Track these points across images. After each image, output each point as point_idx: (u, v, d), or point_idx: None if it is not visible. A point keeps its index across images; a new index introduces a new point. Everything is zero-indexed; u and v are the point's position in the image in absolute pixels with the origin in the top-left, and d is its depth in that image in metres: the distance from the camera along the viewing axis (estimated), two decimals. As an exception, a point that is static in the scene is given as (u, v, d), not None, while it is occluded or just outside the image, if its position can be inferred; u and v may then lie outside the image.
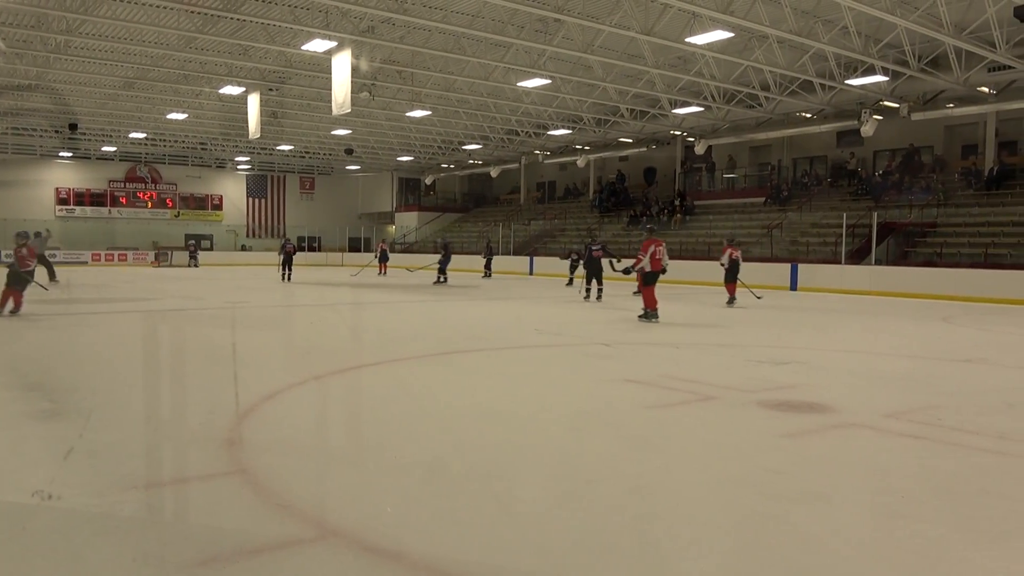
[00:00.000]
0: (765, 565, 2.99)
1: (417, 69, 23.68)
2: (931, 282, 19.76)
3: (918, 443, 4.84)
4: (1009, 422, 5.45)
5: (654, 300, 12.27)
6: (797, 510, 3.57)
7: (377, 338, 10.26)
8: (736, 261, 16.34)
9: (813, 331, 11.92)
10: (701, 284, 24.45)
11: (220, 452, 4.40)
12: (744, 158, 33.51)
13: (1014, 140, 25.54)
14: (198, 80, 25.63)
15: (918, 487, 3.98)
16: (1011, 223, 21.51)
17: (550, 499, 3.76)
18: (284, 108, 30.21)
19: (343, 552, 3.05)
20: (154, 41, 21.15)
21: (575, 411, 5.69)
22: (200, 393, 6.17)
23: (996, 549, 3.17)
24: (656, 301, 12.29)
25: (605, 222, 35.03)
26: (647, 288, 12.41)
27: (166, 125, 34.24)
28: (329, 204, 49.24)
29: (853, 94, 23.68)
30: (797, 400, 6.06)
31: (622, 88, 25.39)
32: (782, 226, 27.01)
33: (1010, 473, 4.25)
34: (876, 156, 29.17)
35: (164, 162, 44.04)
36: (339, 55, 19.41)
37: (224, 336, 10.27)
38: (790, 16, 17.49)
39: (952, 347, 10.06)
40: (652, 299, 12.26)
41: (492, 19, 19.24)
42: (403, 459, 4.38)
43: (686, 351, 9.13)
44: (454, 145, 38.77)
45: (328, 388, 6.61)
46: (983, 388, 6.91)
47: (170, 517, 3.52)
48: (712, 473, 4.19)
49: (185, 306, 14.72)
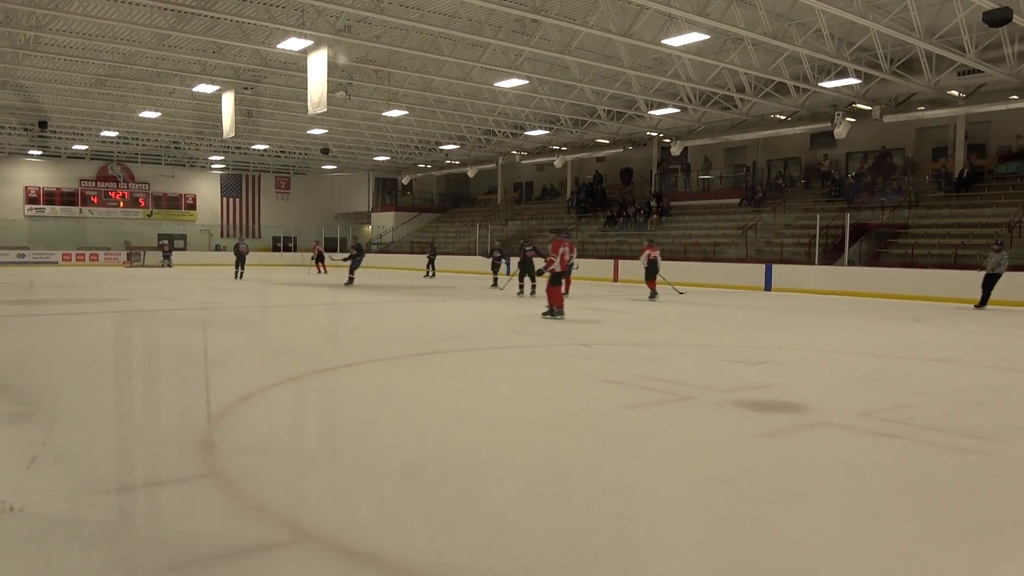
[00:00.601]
0: (741, 565, 3.00)
1: (394, 69, 23.59)
2: (902, 282, 20.04)
3: (891, 442, 4.90)
4: (979, 420, 5.54)
5: (560, 298, 12.67)
6: (773, 509, 3.60)
7: (354, 339, 10.19)
8: (654, 260, 17.90)
9: (788, 331, 12.03)
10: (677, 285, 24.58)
11: (193, 455, 4.34)
12: (719, 159, 33.78)
13: (983, 143, 25.99)
14: (171, 78, 25.33)
15: (891, 485, 4.03)
16: (980, 224, 21.88)
17: (528, 500, 3.75)
18: (259, 107, 29.94)
19: (319, 555, 3.02)
20: (126, 38, 20.86)
21: (553, 411, 5.70)
22: (173, 395, 6.09)
23: (969, 546, 3.21)
24: (562, 299, 12.70)
25: (582, 222, 35.13)
26: (553, 287, 12.73)
27: (139, 123, 33.79)
28: (305, 204, 48.91)
29: (826, 96, 23.96)
30: (772, 400, 6.11)
31: (599, 89, 25.47)
32: (757, 227, 27.26)
33: (981, 470, 4.31)
34: (849, 158, 29.54)
35: (136, 161, 43.48)
36: (315, 54, 19.27)
37: (198, 337, 10.15)
38: (765, 19, 17.66)
39: (923, 347, 10.21)
40: (558, 297, 12.64)
41: (469, 19, 19.20)
42: (380, 461, 4.35)
43: (663, 351, 9.18)
44: (431, 145, 38.66)
45: (304, 389, 6.55)
46: (953, 387, 7.01)
47: (142, 521, 3.46)
48: (689, 473, 4.21)
49: (158, 307, 14.54)
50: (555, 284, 12.82)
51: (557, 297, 12.71)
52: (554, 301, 12.68)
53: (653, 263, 17.88)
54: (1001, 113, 23.65)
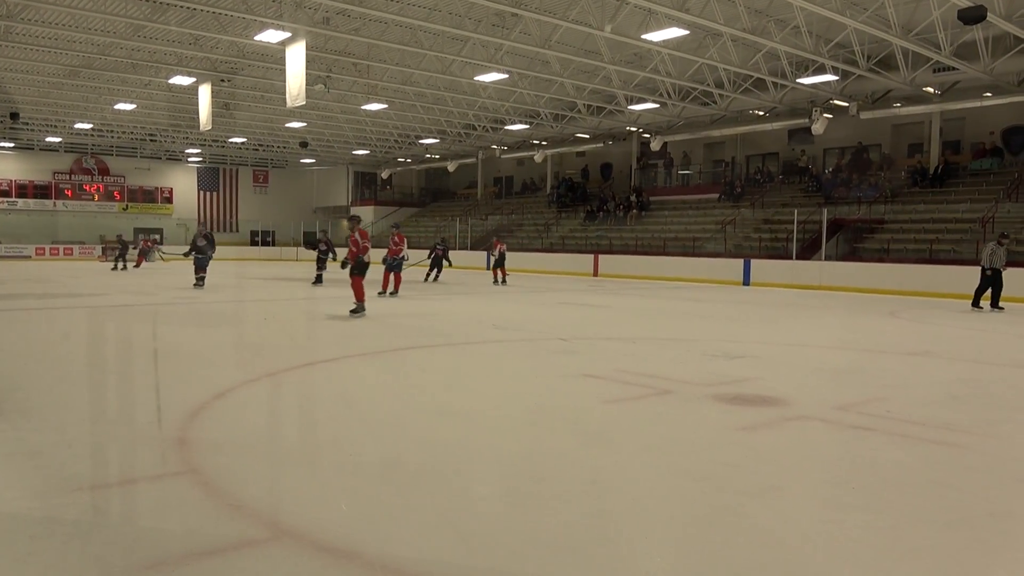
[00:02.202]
0: (720, 558, 3.02)
1: (373, 62, 23.44)
2: (879, 277, 20.27)
3: (867, 435, 4.94)
4: (953, 413, 5.61)
5: (363, 293, 12.00)
6: (751, 503, 3.62)
7: (332, 334, 10.13)
8: (503, 253, 21.37)
9: (765, 325, 12.12)
10: (657, 279, 24.72)
11: (169, 452, 4.29)
12: (699, 155, 33.95)
13: (957, 139, 26.35)
14: (147, 70, 24.99)
15: (868, 478, 4.06)
16: (954, 220, 22.18)
17: (507, 496, 3.75)
18: (236, 99, 29.62)
19: (297, 552, 2.99)
20: (100, 29, 20.54)
21: (532, 407, 5.69)
22: (148, 391, 6.01)
23: (945, 537, 3.25)
24: (364, 294, 12.04)
25: (562, 217, 35.17)
26: (359, 279, 12.00)
27: (114, 116, 33.33)
28: (283, 198, 48.53)
29: (804, 93, 24.14)
30: (750, 394, 6.15)
31: (579, 84, 25.48)
32: (735, 222, 27.44)
33: (956, 463, 4.37)
34: (826, 154, 29.81)
35: (112, 154, 42.89)
36: (293, 46, 19.09)
37: (174, 332, 10.04)
38: (744, 15, 17.74)
39: (898, 340, 10.32)
40: (361, 292, 11.95)
41: (449, 12, 19.12)
42: (358, 457, 4.33)
43: (642, 346, 9.21)
44: (411, 139, 38.50)
45: (282, 385, 6.50)
46: (928, 380, 7.10)
47: (117, 520, 3.41)
48: (668, 467, 4.22)
49: (133, 302, 14.36)
50: (359, 275, 11.97)
51: (360, 291, 11.91)
52: (359, 296, 11.90)
53: (502, 255, 21.39)
54: (975, 110, 23.99)
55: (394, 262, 16.04)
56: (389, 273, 16.05)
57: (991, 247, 14.75)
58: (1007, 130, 25.13)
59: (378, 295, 15.28)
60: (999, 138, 25.22)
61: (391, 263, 16.07)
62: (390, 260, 16.06)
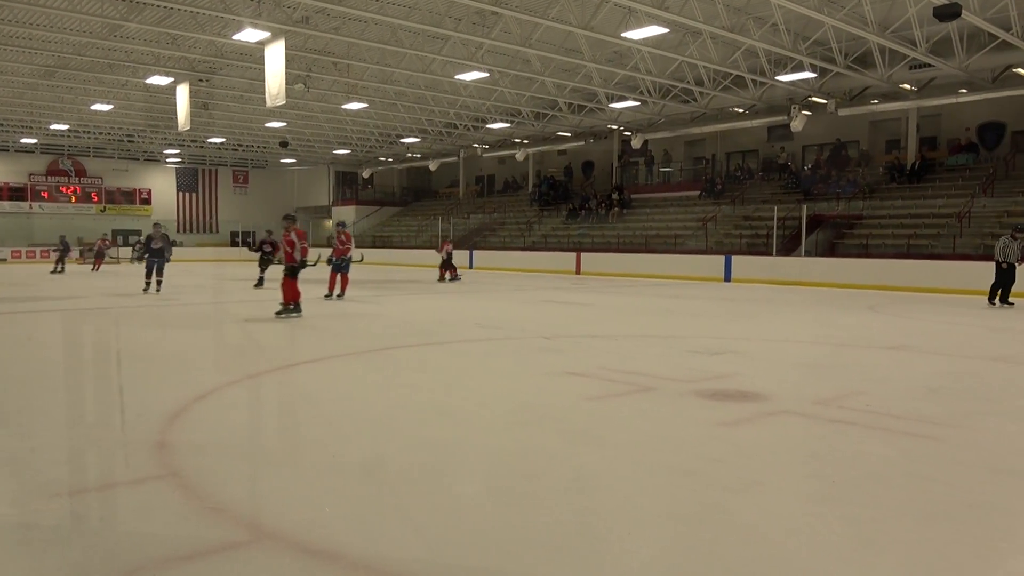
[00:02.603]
0: (703, 553, 3.03)
1: (353, 61, 23.32)
2: (858, 272, 20.46)
3: (848, 429, 4.99)
4: (932, 406, 5.67)
5: (297, 293, 11.54)
6: (734, 498, 3.64)
7: (313, 335, 10.07)
8: (450, 253, 21.86)
9: (747, 321, 12.19)
10: (639, 276, 24.81)
11: (149, 455, 4.24)
12: (679, 152, 34.10)
13: (934, 136, 26.64)
14: (123, 70, 24.72)
15: (849, 471, 4.10)
16: (931, 215, 22.43)
17: (491, 494, 3.74)
18: (215, 99, 29.36)
19: (279, 554, 2.97)
20: (76, 29, 20.29)
21: (516, 405, 5.69)
22: (128, 394, 5.95)
23: (924, 530, 3.28)
24: (299, 294, 11.60)
25: (544, 215, 35.20)
26: (292, 280, 11.54)
27: (90, 116, 32.94)
28: (264, 198, 48.19)
29: (783, 90, 24.31)
30: (732, 389, 6.18)
31: (560, 82, 25.50)
32: (716, 219, 27.59)
33: (935, 455, 4.42)
34: (805, 150, 30.04)
35: (89, 155, 42.41)
36: (272, 45, 18.96)
37: (154, 335, 9.94)
38: (723, 13, 17.83)
39: (878, 335, 10.42)
40: (295, 292, 11.50)
41: (429, 11, 19.07)
42: (341, 458, 4.30)
43: (624, 343, 9.23)
44: (392, 138, 38.37)
45: (263, 387, 6.45)
46: (908, 374, 7.17)
47: (97, 525, 3.37)
48: (652, 463, 4.23)
49: (112, 304, 14.20)
50: (292, 277, 11.52)
51: (293, 291, 11.46)
52: (288, 297, 11.44)
53: (449, 255, 21.82)
54: (951, 106, 24.28)
55: (341, 263, 15.08)
56: (336, 274, 15.08)
57: (1004, 241, 14.38)
58: (982, 126, 25.46)
59: (324, 298, 14.64)
60: (975, 134, 25.54)
61: (337, 264, 15.10)
62: (337, 261, 15.10)
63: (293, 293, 11.48)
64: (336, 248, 15.26)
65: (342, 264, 15.10)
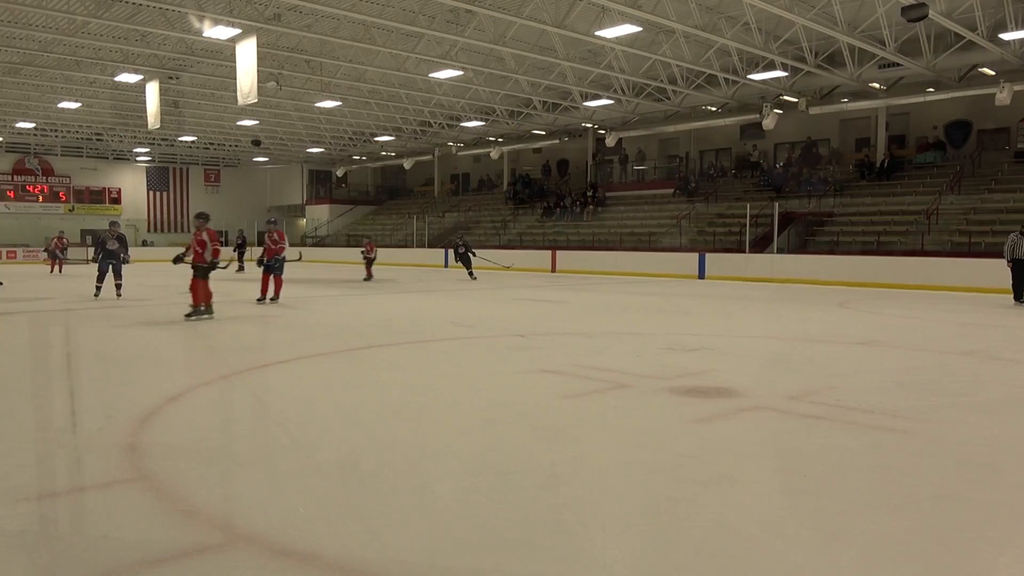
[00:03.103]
0: (677, 548, 3.06)
1: (326, 59, 23.17)
2: (829, 269, 20.74)
3: (818, 423, 5.06)
4: (900, 400, 5.77)
5: (208, 294, 11.07)
6: (707, 492, 3.68)
7: (287, 335, 10.00)
8: (374, 254, 22.15)
9: (720, 318, 12.30)
10: (614, 274, 24.93)
11: (120, 458, 4.19)
12: (653, 150, 34.31)
13: (902, 134, 27.07)
14: (91, 67, 24.34)
15: (819, 465, 4.16)
16: (900, 212, 22.80)
17: (467, 492, 3.74)
18: (185, 97, 29.02)
19: (252, 557, 2.95)
20: (41, 25, 19.94)
21: (491, 403, 5.70)
22: (97, 396, 5.87)
23: (893, 521, 3.34)
24: (211, 295, 11.13)
25: (520, 213, 35.23)
26: (202, 281, 11.03)
27: (57, 114, 32.41)
28: (236, 197, 47.69)
29: (755, 89, 24.56)
30: (706, 385, 6.24)
31: (534, 80, 25.54)
32: (690, 216, 27.80)
33: (903, 448, 4.49)
34: (777, 148, 30.37)
35: (56, 154, 41.70)
36: (244, 42, 18.77)
37: (124, 336, 9.80)
38: (695, 11, 17.97)
39: (848, 331, 10.57)
40: (207, 293, 11.05)
41: (403, 9, 19.00)
42: (315, 459, 4.28)
43: (599, 340, 9.27)
44: (366, 137, 38.17)
45: (236, 388, 6.39)
46: (877, 369, 7.28)
47: (65, 530, 3.32)
48: (625, 460, 4.26)
49: (81, 305, 13.98)
50: (202, 278, 11.03)
51: (202, 293, 10.98)
52: (198, 299, 10.97)
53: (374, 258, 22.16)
54: (919, 105, 24.69)
55: (274, 263, 13.76)
56: (268, 276, 13.78)
57: (1013, 238, 14.30)
58: (949, 124, 25.91)
59: (257, 302, 13.57)
60: (942, 132, 25.98)
61: (270, 264, 13.77)
62: (269, 261, 13.77)
63: (205, 294, 10.94)
64: (267, 247, 13.95)
65: (274, 265, 13.81)
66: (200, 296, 10.95)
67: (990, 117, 24.28)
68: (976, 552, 3.08)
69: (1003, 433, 4.90)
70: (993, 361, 7.84)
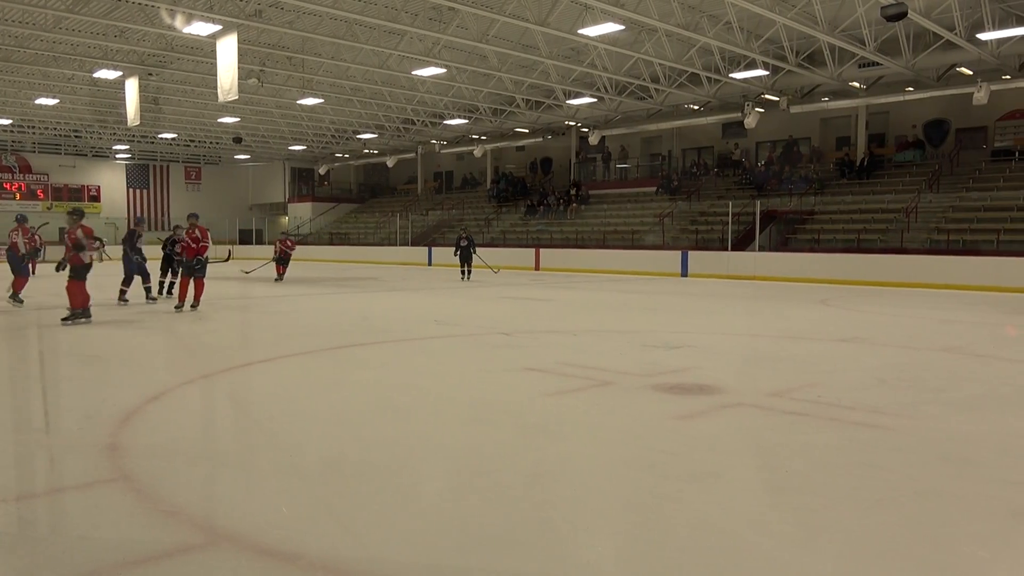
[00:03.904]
0: (660, 544, 3.07)
1: (308, 55, 23.02)
2: (810, 266, 20.89)
3: (800, 420, 5.09)
4: (881, 397, 5.82)
5: (87, 297, 10.41)
6: (690, 489, 3.69)
7: (270, 334, 9.94)
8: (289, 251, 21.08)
9: (703, 316, 12.36)
10: (598, 272, 24.98)
11: (100, 458, 4.14)
12: (636, 149, 34.40)
13: (882, 132, 27.34)
14: (69, 63, 24.02)
15: (801, 462, 4.19)
16: (880, 210, 23.01)
17: (451, 491, 3.74)
18: (165, 94, 28.73)
19: (235, 557, 2.93)
20: (18, 20, 19.66)
21: (475, 401, 5.69)
22: (77, 396, 5.80)
23: (873, 516, 3.37)
24: (89, 298, 10.48)
25: (503, 212, 35.21)
26: (79, 283, 10.35)
27: (34, 111, 31.98)
28: (217, 195, 47.31)
29: (736, 87, 24.68)
30: (689, 383, 6.26)
31: (517, 78, 25.51)
32: (673, 215, 27.90)
33: (883, 444, 4.53)
34: (759, 147, 30.56)
35: (33, 151, 41.16)
36: (225, 39, 18.60)
37: (104, 335, 9.69)
38: (677, 10, 18.02)
39: (829, 328, 10.65)
40: (84, 296, 10.38)
41: (385, 6, 18.91)
42: (298, 457, 4.26)
43: (583, 338, 9.29)
44: (348, 134, 37.98)
45: (217, 387, 6.34)
46: (857, 366, 7.35)
47: (45, 531, 3.28)
48: (609, 457, 4.27)
49: (58, 304, 13.80)
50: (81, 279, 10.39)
51: (80, 296, 10.32)
52: (76, 302, 10.29)
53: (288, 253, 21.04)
54: (898, 104, 24.91)
55: (196, 264, 12.04)
56: (188, 279, 12.06)
57: None
58: (928, 123, 26.19)
59: (175, 310, 11.91)
60: (921, 131, 26.26)
61: (189, 266, 12.11)
62: (188, 262, 12.14)
63: (83, 297, 10.27)
64: (188, 247, 12.20)
65: (196, 267, 12.06)
66: (78, 299, 10.31)
67: (968, 116, 24.55)
68: (957, 546, 3.11)
69: (982, 428, 4.96)
70: (972, 357, 7.94)
